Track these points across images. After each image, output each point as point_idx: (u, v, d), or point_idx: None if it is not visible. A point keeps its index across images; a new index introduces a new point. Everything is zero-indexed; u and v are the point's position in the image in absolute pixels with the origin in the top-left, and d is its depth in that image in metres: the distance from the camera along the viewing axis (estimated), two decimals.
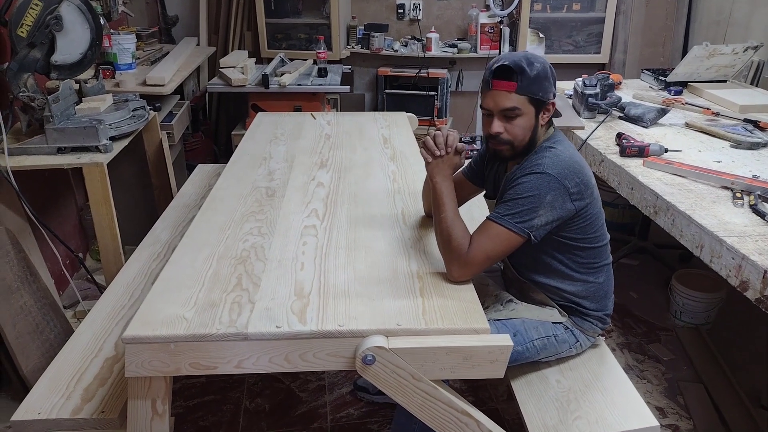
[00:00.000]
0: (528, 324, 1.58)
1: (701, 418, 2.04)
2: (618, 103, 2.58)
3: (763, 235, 1.54)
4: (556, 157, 1.45)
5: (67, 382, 1.49)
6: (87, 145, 2.24)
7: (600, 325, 1.66)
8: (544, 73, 1.44)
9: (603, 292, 1.63)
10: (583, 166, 1.49)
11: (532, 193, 1.40)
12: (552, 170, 1.42)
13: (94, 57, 2.42)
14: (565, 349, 1.63)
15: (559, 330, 1.60)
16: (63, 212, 2.88)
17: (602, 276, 1.61)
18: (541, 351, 1.60)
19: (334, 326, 1.24)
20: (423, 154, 1.51)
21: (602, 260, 1.60)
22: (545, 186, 1.40)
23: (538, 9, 4.16)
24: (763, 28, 3.18)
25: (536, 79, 1.43)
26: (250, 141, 2.44)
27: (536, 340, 1.58)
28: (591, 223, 1.52)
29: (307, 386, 2.22)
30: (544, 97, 1.46)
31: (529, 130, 1.48)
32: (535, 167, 1.43)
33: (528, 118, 1.46)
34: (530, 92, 1.43)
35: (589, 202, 1.48)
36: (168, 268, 1.47)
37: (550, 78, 1.46)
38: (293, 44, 4.38)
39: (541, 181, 1.41)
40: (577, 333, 1.63)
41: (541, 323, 1.59)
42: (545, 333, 1.59)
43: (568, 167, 1.43)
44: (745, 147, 2.19)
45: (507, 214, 1.41)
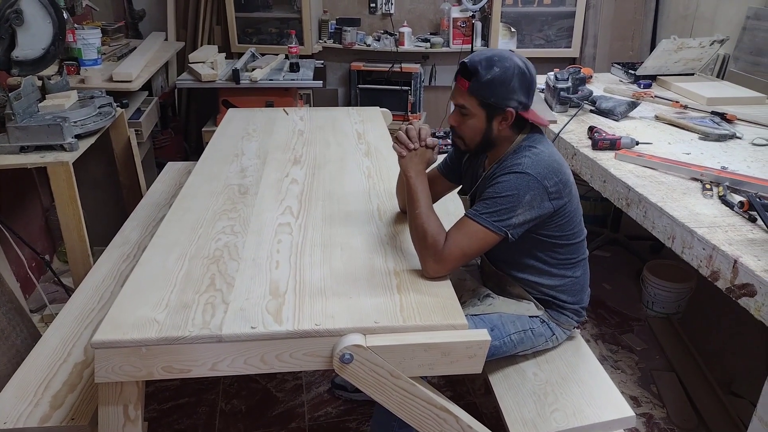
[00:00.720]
0: (505, 318, 1.59)
1: (674, 406, 2.08)
2: (589, 96, 2.61)
3: (732, 226, 1.57)
4: (536, 157, 1.44)
5: (35, 389, 1.44)
6: (51, 143, 2.16)
7: (576, 318, 1.68)
8: (501, 79, 1.40)
9: (579, 286, 1.65)
10: (561, 164, 1.49)
11: (511, 192, 1.40)
12: (531, 170, 1.41)
13: (57, 52, 2.34)
14: (542, 342, 1.64)
15: (536, 323, 1.62)
16: (28, 213, 2.80)
17: (579, 270, 1.63)
18: (518, 345, 1.61)
19: (310, 325, 1.22)
20: (396, 149, 1.49)
21: (579, 255, 1.62)
22: (524, 185, 1.40)
23: (510, 3, 4.18)
24: (728, 22, 3.24)
25: (489, 84, 1.41)
26: (221, 137, 2.40)
27: (513, 334, 1.58)
28: (569, 220, 1.52)
29: (283, 386, 2.19)
30: (496, 103, 1.43)
31: (478, 132, 1.48)
32: (515, 167, 1.43)
33: (477, 120, 1.46)
34: (480, 95, 1.43)
35: (567, 201, 1.48)
36: (138, 269, 1.43)
37: (512, 85, 1.41)
38: (264, 39, 4.32)
39: (520, 181, 1.40)
40: (553, 326, 1.64)
41: (518, 317, 1.60)
42: (522, 327, 1.60)
43: (547, 167, 1.43)
44: (713, 139, 2.23)
45: (485, 212, 1.41)
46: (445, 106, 4.67)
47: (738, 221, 1.60)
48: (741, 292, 1.40)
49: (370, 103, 4.08)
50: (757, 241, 1.49)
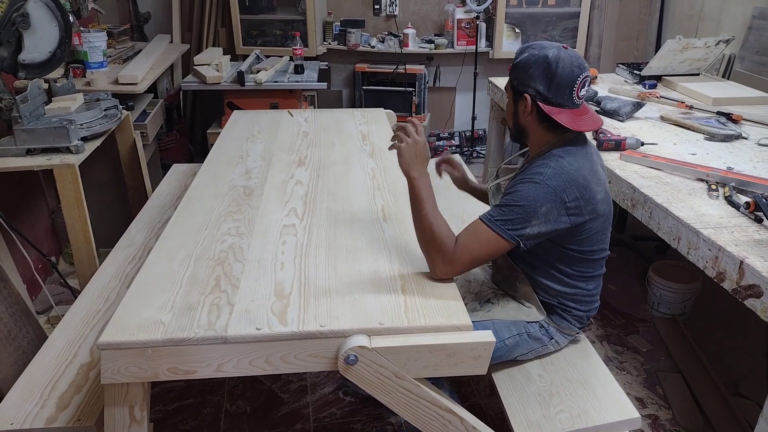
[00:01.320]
0: (499, 324, 1.58)
1: (680, 408, 2.07)
2: (594, 97, 2.61)
3: (738, 226, 1.57)
4: (561, 168, 1.40)
5: (41, 390, 1.45)
6: (58, 146, 2.18)
7: (578, 325, 1.66)
8: (524, 64, 1.44)
9: (591, 298, 1.62)
10: (589, 181, 1.42)
11: (527, 203, 1.37)
12: (551, 182, 1.38)
13: (63, 55, 2.36)
14: (539, 347, 1.62)
15: (533, 327, 1.60)
16: (34, 215, 2.81)
17: (593, 284, 1.60)
18: (514, 349, 1.60)
19: (315, 327, 1.22)
20: (396, 145, 1.45)
21: (596, 271, 1.58)
22: (542, 197, 1.37)
23: (514, 4, 4.17)
24: (734, 22, 3.23)
25: (516, 67, 1.47)
26: (226, 139, 2.40)
27: (508, 339, 1.58)
28: (589, 237, 1.48)
29: (288, 387, 2.20)
30: (517, 86, 1.48)
31: (510, 115, 1.54)
32: (536, 176, 1.40)
33: (510, 102, 1.53)
34: (511, 76, 1.50)
35: (589, 219, 1.44)
36: (144, 270, 1.44)
37: (531, 71, 1.42)
38: (269, 41, 4.33)
39: (538, 192, 1.38)
40: (552, 331, 1.62)
41: (513, 323, 1.59)
42: (517, 331, 1.59)
43: (569, 180, 1.39)
44: (718, 139, 2.22)
45: (499, 219, 1.39)
46: (450, 107, 4.67)
47: (744, 222, 1.60)
48: (747, 293, 1.39)
49: (375, 104, 4.09)
50: (763, 242, 1.48)
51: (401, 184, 1.93)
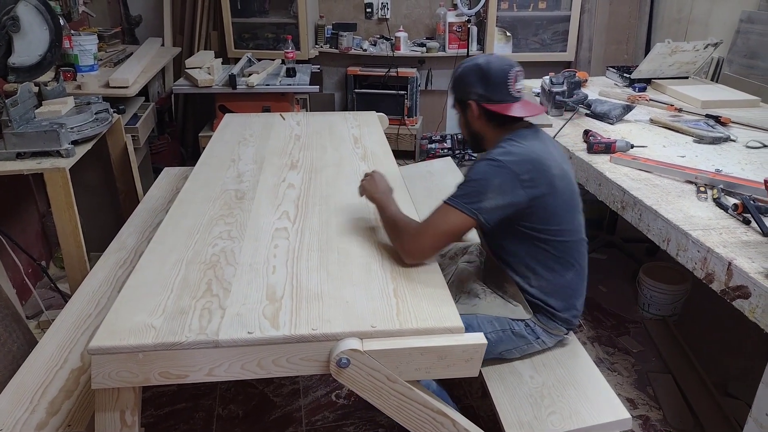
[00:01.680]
0: (481, 318, 1.62)
1: (670, 408, 2.08)
2: (584, 100, 2.62)
3: (726, 228, 1.58)
4: (512, 147, 1.50)
5: (31, 395, 1.44)
6: (48, 149, 2.17)
7: (566, 327, 1.67)
8: (459, 77, 1.61)
9: (571, 291, 1.62)
10: (541, 156, 1.50)
11: (481, 177, 1.46)
12: (503, 158, 1.47)
13: (54, 59, 2.35)
14: (523, 344, 1.63)
15: (518, 326, 1.61)
16: (24, 219, 2.80)
17: (570, 274, 1.60)
18: (498, 344, 1.61)
19: (307, 330, 1.22)
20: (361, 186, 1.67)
21: (569, 257, 1.59)
22: (493, 171, 1.45)
23: (505, 8, 4.20)
24: (722, 26, 3.26)
25: (455, 83, 1.64)
26: (218, 143, 2.40)
27: (490, 333, 1.59)
28: (553, 214, 1.52)
29: (281, 391, 2.19)
30: (460, 97, 1.62)
31: (463, 126, 1.68)
32: (487, 155, 1.51)
33: (460, 116, 1.67)
34: (453, 94, 1.66)
35: (546, 192, 1.48)
36: (135, 274, 1.43)
37: (468, 79, 1.57)
38: (260, 44, 4.34)
39: (489, 167, 1.47)
40: (539, 331, 1.63)
41: (497, 318, 1.62)
42: (500, 327, 1.61)
43: (520, 155, 1.48)
44: (707, 142, 2.24)
45: (457, 195, 1.47)
46: (442, 110, 4.68)
47: (732, 223, 1.61)
48: (735, 294, 1.40)
49: (367, 107, 4.10)
50: (751, 243, 1.50)
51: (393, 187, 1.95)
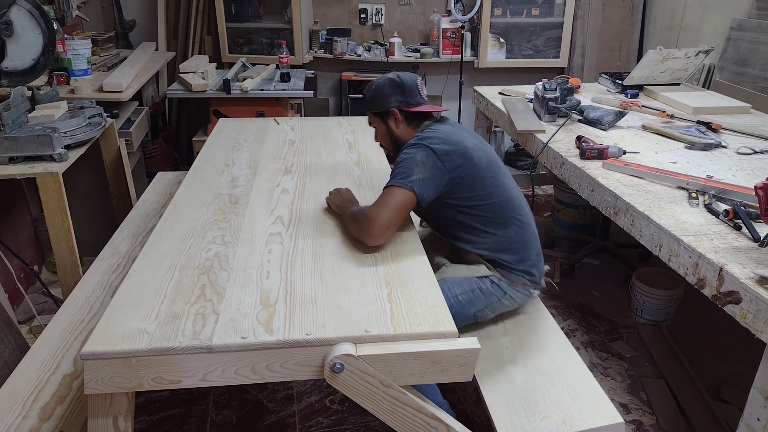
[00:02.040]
0: (450, 282, 1.75)
1: (663, 413, 2.09)
2: (577, 106, 2.64)
3: (717, 234, 1.60)
4: (423, 134, 1.73)
5: (23, 400, 1.43)
6: (41, 154, 2.16)
7: (527, 278, 1.80)
8: (378, 92, 1.81)
9: (519, 244, 1.78)
10: (450, 133, 1.72)
11: (406, 158, 1.66)
12: (421, 141, 1.69)
13: (47, 63, 2.35)
14: (494, 301, 1.78)
15: (485, 283, 1.76)
16: (16, 223, 2.78)
17: (511, 230, 1.76)
18: (470, 305, 1.76)
19: (301, 335, 1.22)
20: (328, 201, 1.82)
21: (505, 216, 1.76)
22: (414, 151, 1.67)
23: (499, 14, 4.23)
24: (713, 33, 3.30)
25: (371, 99, 1.83)
26: (212, 147, 2.40)
27: (460, 295, 1.74)
28: (474, 182, 1.71)
29: (274, 396, 2.19)
30: (381, 109, 1.82)
31: (386, 136, 1.86)
32: (407, 145, 1.73)
33: (380, 127, 1.86)
34: (371, 109, 1.85)
35: (462, 163, 1.68)
36: (128, 279, 1.43)
37: (385, 91, 1.79)
38: (255, 49, 4.34)
39: (411, 149, 1.68)
40: (504, 285, 1.77)
41: (464, 279, 1.76)
42: (469, 287, 1.75)
43: (433, 137, 1.70)
44: (698, 148, 2.26)
45: (392, 177, 1.66)
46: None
47: (723, 229, 1.62)
48: (726, 299, 1.42)
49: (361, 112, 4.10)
50: (742, 249, 1.51)
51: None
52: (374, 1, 4.42)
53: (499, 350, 1.74)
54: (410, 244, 1.64)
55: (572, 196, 3.10)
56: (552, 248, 3.28)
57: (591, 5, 4.21)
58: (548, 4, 4.25)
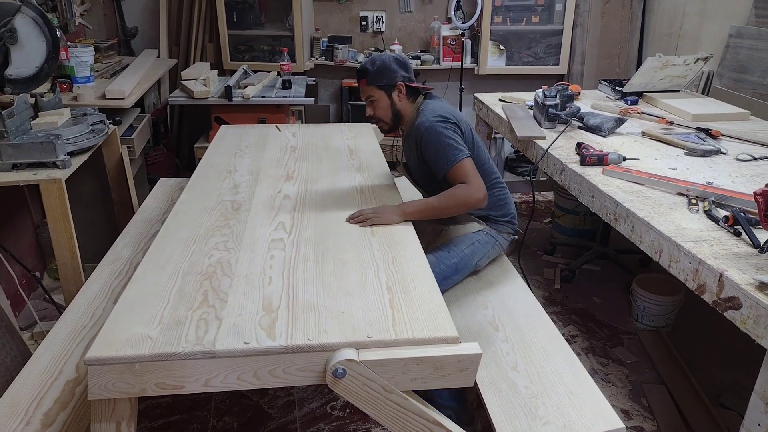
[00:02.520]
0: (456, 240, 2.08)
1: (664, 419, 2.09)
2: (577, 113, 2.65)
3: (717, 240, 1.60)
4: (429, 111, 1.98)
5: (26, 407, 1.43)
6: (44, 161, 2.17)
7: (510, 227, 2.17)
8: (384, 67, 1.98)
9: (502, 202, 2.16)
10: (453, 111, 2.03)
11: (442, 135, 1.91)
12: (436, 118, 1.94)
13: (50, 70, 2.36)
14: (489, 249, 2.12)
15: (480, 236, 2.10)
16: (18, 230, 2.79)
17: (496, 190, 2.12)
18: (472, 257, 2.07)
19: (303, 340, 1.23)
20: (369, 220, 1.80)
21: (491, 178, 2.10)
22: (440, 128, 1.92)
23: (499, 21, 4.25)
24: (712, 40, 3.32)
25: (377, 73, 1.98)
26: (214, 154, 2.41)
27: (465, 249, 2.06)
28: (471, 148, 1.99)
29: (276, 402, 2.19)
30: (388, 83, 1.99)
31: (388, 108, 2.03)
32: (423, 124, 1.94)
33: (382, 100, 2.02)
34: (375, 82, 1.99)
35: (465, 132, 2.00)
36: (131, 285, 1.43)
37: (392, 66, 1.99)
38: (256, 56, 4.36)
39: (437, 128, 1.92)
40: (494, 234, 2.13)
41: (464, 236, 2.09)
42: (469, 241, 2.08)
43: (437, 110, 1.98)
44: (698, 154, 2.27)
45: (448, 157, 1.89)
46: None
47: (723, 235, 1.63)
48: (727, 305, 1.42)
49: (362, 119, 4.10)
50: (741, 255, 1.52)
51: (388, 198, 1.97)
52: (375, 9, 4.45)
53: (501, 356, 1.74)
54: (411, 249, 1.65)
55: (572, 202, 3.11)
56: (552, 254, 3.29)
57: (590, 13, 4.23)
58: (548, 12, 4.27)
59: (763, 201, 1.42)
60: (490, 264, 2.22)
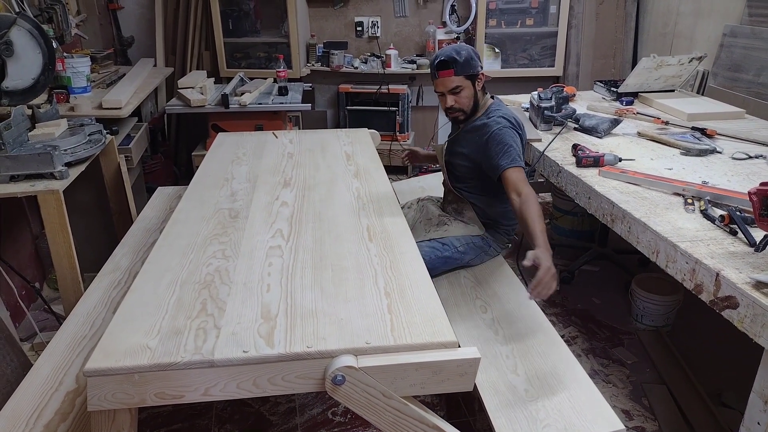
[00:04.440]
0: (452, 238, 2.17)
1: (665, 419, 2.09)
2: (573, 114, 2.66)
3: (714, 239, 1.61)
4: (501, 113, 2.10)
5: (27, 418, 1.43)
6: (41, 172, 2.17)
7: (507, 237, 2.26)
8: (469, 56, 2.04)
9: (511, 214, 2.16)
10: (516, 115, 2.14)
11: (510, 140, 2.01)
12: (505, 121, 2.05)
13: (47, 81, 2.37)
14: (482, 252, 2.21)
15: (477, 240, 2.20)
16: (17, 241, 2.79)
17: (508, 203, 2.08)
18: (466, 255, 2.17)
19: (302, 348, 1.23)
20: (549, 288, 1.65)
21: None
22: (513, 134, 2.04)
23: (494, 24, 4.27)
24: (706, 40, 3.33)
25: (465, 63, 2.03)
26: (211, 162, 2.42)
27: (460, 247, 2.17)
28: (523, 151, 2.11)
29: (277, 409, 2.19)
30: (474, 72, 2.07)
31: (471, 98, 2.11)
32: (498, 123, 2.04)
33: (468, 90, 2.08)
34: (464, 72, 2.04)
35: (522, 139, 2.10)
36: (129, 295, 1.44)
37: (475, 57, 2.06)
38: (253, 63, 4.38)
39: (509, 131, 2.04)
40: (489, 241, 2.22)
41: (463, 236, 2.18)
42: (466, 242, 2.18)
43: (509, 114, 2.10)
44: (694, 154, 2.28)
45: (510, 158, 1.97)
46: (433, 125, 4.73)
47: (719, 235, 1.64)
48: (724, 304, 1.43)
49: (359, 124, 4.13)
50: (738, 254, 1.52)
51: (385, 203, 1.98)
52: (370, 14, 4.47)
53: (500, 359, 1.74)
54: (409, 254, 1.65)
55: (570, 203, 3.11)
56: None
57: (585, 14, 4.25)
58: (542, 14, 4.29)
59: (758, 200, 1.42)
60: (489, 267, 2.23)
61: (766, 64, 2.83)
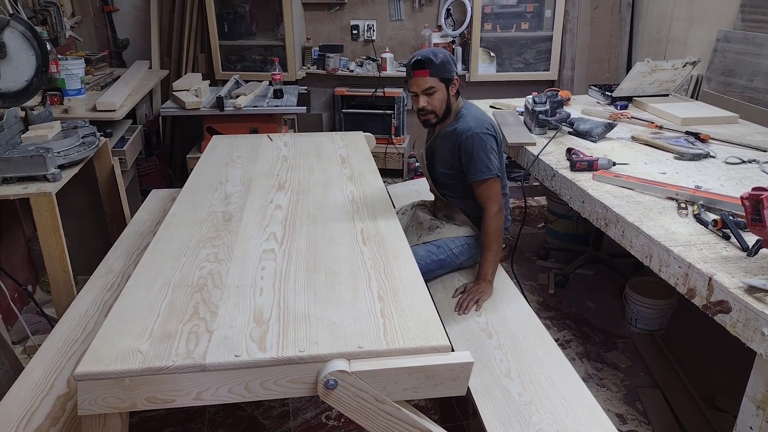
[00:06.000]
0: (446, 240, 2.19)
1: (659, 423, 2.09)
2: (567, 118, 2.67)
3: (707, 244, 1.61)
4: (472, 117, 2.10)
5: (17, 423, 1.42)
6: (34, 174, 2.16)
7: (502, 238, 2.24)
8: (446, 60, 2.06)
9: (506, 212, 2.23)
10: (488, 115, 2.18)
11: (481, 146, 2.04)
12: (478, 128, 2.06)
13: (40, 84, 2.36)
14: (476, 253, 2.20)
15: (471, 240, 2.21)
16: (10, 244, 2.78)
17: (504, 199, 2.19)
18: (460, 256, 2.19)
19: (294, 352, 1.23)
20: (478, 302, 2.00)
21: (504, 190, 2.18)
22: (484, 140, 2.05)
23: (489, 28, 4.28)
24: (700, 45, 3.35)
25: (441, 65, 2.04)
26: (205, 164, 2.41)
27: (454, 249, 2.18)
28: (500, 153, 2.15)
29: (270, 413, 2.18)
30: (449, 76, 2.08)
31: (443, 101, 2.10)
32: (469, 130, 2.05)
33: (441, 92, 2.08)
34: (439, 74, 2.05)
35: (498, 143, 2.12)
36: (121, 299, 1.43)
37: (452, 62, 2.09)
38: (248, 66, 4.37)
39: (480, 139, 2.05)
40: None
41: (456, 237, 2.20)
42: (460, 243, 2.19)
43: (480, 119, 2.11)
44: (687, 158, 2.29)
45: (480, 169, 2.04)
46: None
47: (712, 239, 1.64)
48: (716, 308, 1.43)
49: (354, 127, 4.13)
50: (730, 259, 1.52)
51: (380, 207, 1.97)
52: (366, 17, 4.47)
53: (494, 363, 1.74)
54: (403, 258, 1.65)
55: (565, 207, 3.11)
56: (546, 259, 3.30)
57: (579, 19, 4.26)
58: (537, 19, 4.30)
59: (750, 205, 1.42)
60: None
61: (759, 69, 2.85)
